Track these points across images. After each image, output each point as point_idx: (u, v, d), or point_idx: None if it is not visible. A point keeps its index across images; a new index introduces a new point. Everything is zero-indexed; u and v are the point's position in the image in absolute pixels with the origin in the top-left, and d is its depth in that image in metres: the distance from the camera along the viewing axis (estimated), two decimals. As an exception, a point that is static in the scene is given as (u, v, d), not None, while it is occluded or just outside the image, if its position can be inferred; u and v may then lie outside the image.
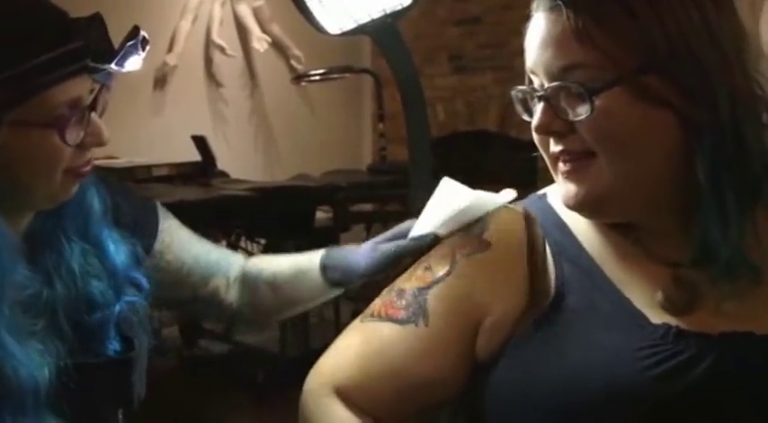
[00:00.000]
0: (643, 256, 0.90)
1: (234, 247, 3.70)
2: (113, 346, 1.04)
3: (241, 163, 4.72)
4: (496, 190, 1.03)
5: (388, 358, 0.96)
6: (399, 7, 1.67)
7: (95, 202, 1.06)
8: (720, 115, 0.83)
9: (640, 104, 0.83)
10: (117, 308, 1.04)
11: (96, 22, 0.94)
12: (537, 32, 0.88)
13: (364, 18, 1.64)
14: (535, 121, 0.88)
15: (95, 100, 0.97)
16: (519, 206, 1.00)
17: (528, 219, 0.96)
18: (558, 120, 0.87)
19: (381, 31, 1.66)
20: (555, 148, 0.89)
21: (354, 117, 5.71)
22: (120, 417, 1.07)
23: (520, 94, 0.92)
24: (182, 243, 1.22)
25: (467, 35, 5.18)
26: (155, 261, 1.18)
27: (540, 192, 1.01)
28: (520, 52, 0.92)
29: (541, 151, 0.92)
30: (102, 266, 1.05)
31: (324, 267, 1.18)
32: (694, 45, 0.82)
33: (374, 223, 4.03)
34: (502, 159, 4.49)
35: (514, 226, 0.96)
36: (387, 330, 0.97)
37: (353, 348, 1.00)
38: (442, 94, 5.24)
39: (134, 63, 0.99)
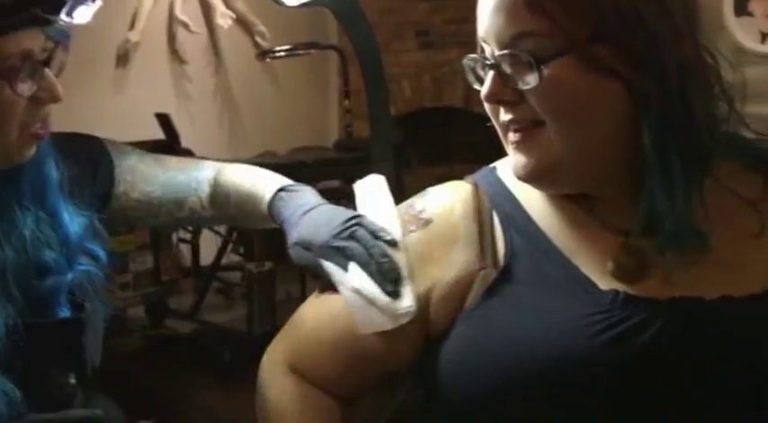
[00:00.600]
0: (596, 226, 0.91)
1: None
2: (64, 312, 1.05)
3: (206, 140, 4.68)
4: (462, 167, 1.03)
5: (339, 331, 0.97)
6: (357, -22, 1.65)
7: (53, 172, 1.08)
8: (668, 86, 0.83)
9: (589, 74, 0.82)
10: (69, 276, 1.05)
11: None
12: (489, 0, 0.87)
13: (323, -11, 1.62)
14: (484, 89, 0.88)
15: (50, 57, 0.98)
16: (468, 179, 1.00)
17: (476, 191, 0.97)
18: (507, 89, 0.86)
19: (340, 3, 1.65)
20: (505, 117, 0.89)
21: (320, 94, 5.67)
22: (73, 381, 1.07)
23: (471, 63, 0.91)
24: (145, 177, 1.23)
25: (433, 11, 5.16)
26: (122, 203, 1.21)
27: (491, 165, 1.01)
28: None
29: (493, 121, 0.92)
30: (56, 235, 1.06)
31: (270, 211, 1.17)
32: (644, 14, 0.82)
33: (341, 200, 4.01)
34: (467, 135, 4.49)
35: (461, 199, 0.96)
36: (339, 304, 0.97)
37: (307, 323, 1.01)
38: (409, 70, 5.22)
39: (83, 14, 1.02)
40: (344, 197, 1.17)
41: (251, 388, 1.07)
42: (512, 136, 0.89)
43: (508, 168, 0.94)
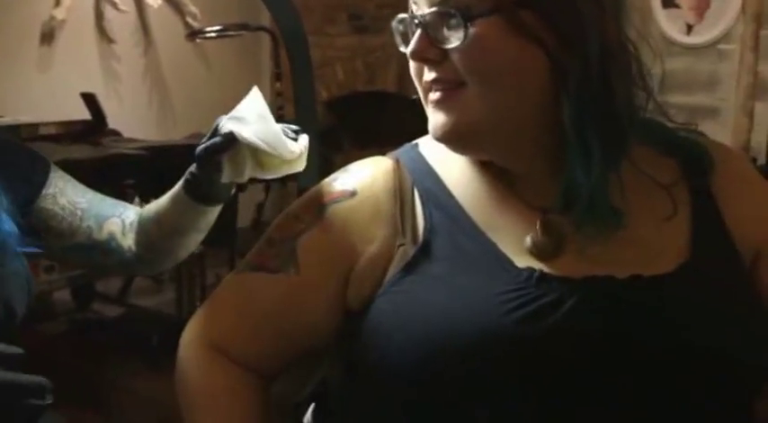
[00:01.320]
0: (516, 203, 0.92)
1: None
2: None
3: (135, 122, 4.60)
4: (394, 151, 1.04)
5: (260, 307, 0.97)
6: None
7: None
8: (589, 67, 0.84)
9: (514, 38, 0.84)
10: None
11: None
12: None
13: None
14: (410, 46, 0.89)
15: None
16: (390, 155, 1.01)
17: (397, 166, 0.98)
18: (432, 47, 0.87)
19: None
20: (428, 76, 0.90)
21: (251, 75, 5.61)
22: None
23: (401, 27, 0.92)
24: (75, 188, 1.25)
25: (366, -6, 5.15)
26: (47, 206, 1.21)
27: (414, 142, 1.03)
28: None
29: (415, 82, 0.93)
30: None
31: (187, 183, 1.20)
32: None
33: (273, 182, 4.01)
34: (399, 119, 4.51)
35: (382, 173, 0.97)
36: (259, 280, 0.97)
37: (227, 300, 1.00)
38: (341, 54, 5.21)
39: None
40: (275, 179, 1.18)
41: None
42: (432, 95, 0.90)
43: (430, 145, 0.95)
